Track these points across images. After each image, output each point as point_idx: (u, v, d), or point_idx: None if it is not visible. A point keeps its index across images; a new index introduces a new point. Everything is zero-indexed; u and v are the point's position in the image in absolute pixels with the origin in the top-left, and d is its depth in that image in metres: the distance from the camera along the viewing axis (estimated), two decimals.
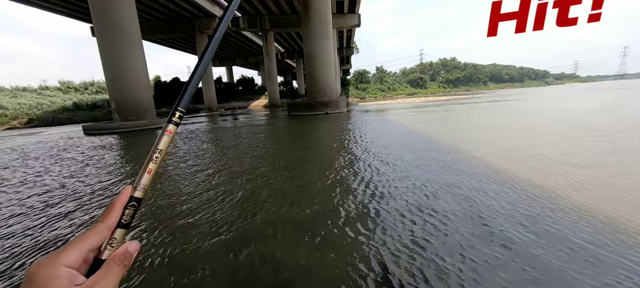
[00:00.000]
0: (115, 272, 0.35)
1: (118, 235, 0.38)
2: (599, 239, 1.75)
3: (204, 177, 3.68)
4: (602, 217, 2.03)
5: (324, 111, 14.26)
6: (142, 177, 0.40)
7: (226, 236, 2.11)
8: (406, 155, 4.19)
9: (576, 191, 2.53)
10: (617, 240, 1.74)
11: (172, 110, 0.44)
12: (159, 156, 0.42)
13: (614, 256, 1.59)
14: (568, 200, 2.35)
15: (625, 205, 2.19)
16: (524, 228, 1.93)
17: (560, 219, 2.03)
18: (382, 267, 1.65)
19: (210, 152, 5.69)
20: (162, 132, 0.43)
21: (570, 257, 1.60)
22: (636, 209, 2.13)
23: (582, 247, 1.69)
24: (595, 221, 1.99)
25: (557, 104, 12.23)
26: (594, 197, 2.39)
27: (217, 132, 9.39)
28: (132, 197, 0.40)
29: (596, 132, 5.03)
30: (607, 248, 1.67)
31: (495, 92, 37.39)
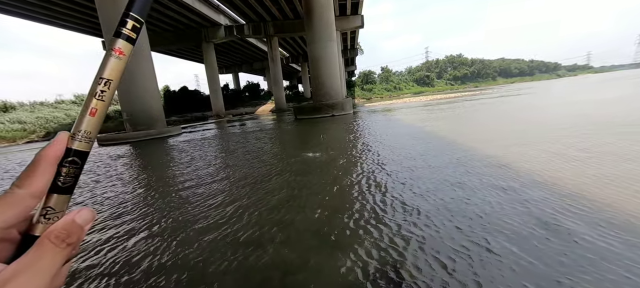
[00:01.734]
0: (51, 255, 0.24)
1: (55, 203, 0.27)
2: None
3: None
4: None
5: (330, 113, 14.29)
6: (82, 120, 0.28)
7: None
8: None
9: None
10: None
11: (121, 18, 0.30)
12: (105, 90, 0.30)
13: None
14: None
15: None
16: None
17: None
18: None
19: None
20: (107, 53, 0.30)
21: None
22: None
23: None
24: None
25: (566, 96, 11.88)
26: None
27: (237, 137, 9.52)
28: (71, 150, 0.28)
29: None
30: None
31: (505, 87, 36.64)
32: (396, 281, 1.52)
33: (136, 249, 2.17)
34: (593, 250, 1.58)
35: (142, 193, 3.73)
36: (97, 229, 2.60)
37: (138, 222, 2.74)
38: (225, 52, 37.00)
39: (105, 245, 2.29)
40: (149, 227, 2.58)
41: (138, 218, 2.85)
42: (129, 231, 2.51)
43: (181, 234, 2.36)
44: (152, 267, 1.92)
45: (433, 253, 1.70)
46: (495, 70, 70.96)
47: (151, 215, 2.89)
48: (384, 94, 47.56)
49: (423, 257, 1.68)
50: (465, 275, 1.49)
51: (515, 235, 1.80)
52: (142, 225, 2.66)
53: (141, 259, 2.02)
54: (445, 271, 1.53)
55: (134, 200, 3.45)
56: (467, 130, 6.32)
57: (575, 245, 1.65)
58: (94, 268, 1.97)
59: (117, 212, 3.03)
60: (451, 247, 1.75)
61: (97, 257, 2.11)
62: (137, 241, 2.30)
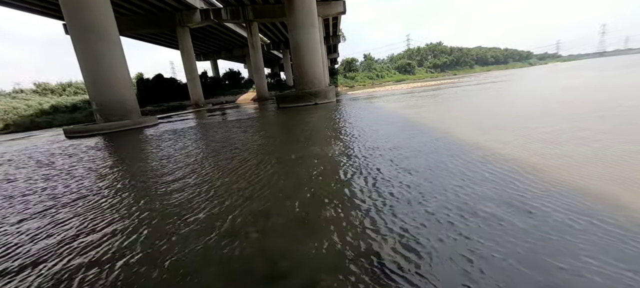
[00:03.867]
0: None
1: None
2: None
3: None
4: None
5: (312, 102, 14.20)
6: None
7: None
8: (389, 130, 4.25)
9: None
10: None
11: None
12: None
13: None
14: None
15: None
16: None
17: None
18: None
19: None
20: None
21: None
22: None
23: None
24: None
25: (531, 84, 12.56)
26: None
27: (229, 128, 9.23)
28: None
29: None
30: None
31: (482, 75, 37.98)
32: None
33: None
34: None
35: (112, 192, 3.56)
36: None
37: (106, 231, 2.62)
38: (203, 38, 35.29)
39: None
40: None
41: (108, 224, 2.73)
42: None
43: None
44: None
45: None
46: (473, 58, 73.24)
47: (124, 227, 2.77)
48: (366, 81, 47.77)
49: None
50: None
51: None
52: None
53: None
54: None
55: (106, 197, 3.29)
56: (452, 118, 6.51)
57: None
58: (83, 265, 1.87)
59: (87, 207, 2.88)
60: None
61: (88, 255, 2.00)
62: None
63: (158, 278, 1.67)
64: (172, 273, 1.70)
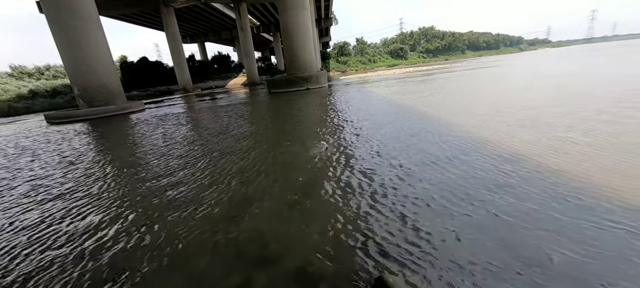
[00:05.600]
0: None
1: None
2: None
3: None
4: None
5: (304, 87, 14.00)
6: None
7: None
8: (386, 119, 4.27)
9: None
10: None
11: None
12: None
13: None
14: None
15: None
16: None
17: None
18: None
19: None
20: None
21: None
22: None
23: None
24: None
25: (521, 71, 12.72)
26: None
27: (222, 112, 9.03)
28: None
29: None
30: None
31: (473, 61, 38.12)
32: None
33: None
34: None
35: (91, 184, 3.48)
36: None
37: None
38: (189, 20, 33.81)
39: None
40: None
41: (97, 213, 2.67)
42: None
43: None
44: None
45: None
46: (464, 43, 73.10)
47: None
48: (358, 66, 47.29)
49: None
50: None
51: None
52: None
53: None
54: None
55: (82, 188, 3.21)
56: (442, 105, 6.55)
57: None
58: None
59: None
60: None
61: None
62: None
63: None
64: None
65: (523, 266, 1.40)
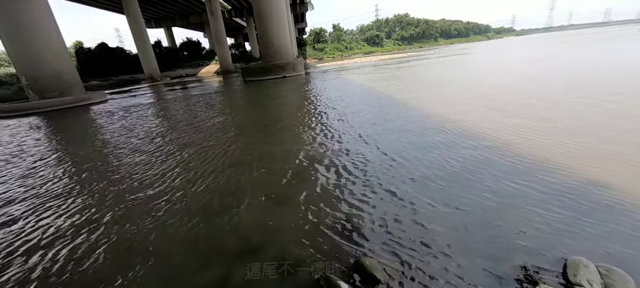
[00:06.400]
0: None
1: None
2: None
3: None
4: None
5: (281, 75, 13.69)
6: None
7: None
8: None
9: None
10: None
11: None
12: None
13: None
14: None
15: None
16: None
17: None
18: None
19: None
20: None
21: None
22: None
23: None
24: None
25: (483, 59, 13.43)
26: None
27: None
28: None
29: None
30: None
31: (445, 48, 39.41)
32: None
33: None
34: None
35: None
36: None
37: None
38: (154, 2, 31.18)
39: None
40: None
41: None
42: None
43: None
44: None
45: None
46: (437, 30, 75.11)
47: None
48: (335, 53, 47.01)
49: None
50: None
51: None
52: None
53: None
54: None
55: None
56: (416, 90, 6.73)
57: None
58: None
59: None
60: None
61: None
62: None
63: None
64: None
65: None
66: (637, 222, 1.57)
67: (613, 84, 5.00)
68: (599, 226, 1.57)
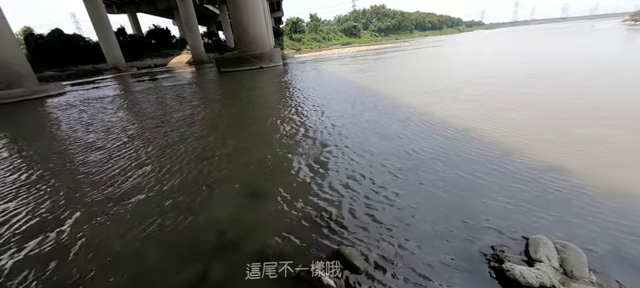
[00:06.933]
0: None
1: None
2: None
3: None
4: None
5: (257, 66, 13.30)
6: None
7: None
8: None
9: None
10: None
11: None
12: None
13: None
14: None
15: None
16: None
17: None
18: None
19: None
20: None
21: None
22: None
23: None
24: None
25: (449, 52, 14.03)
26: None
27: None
28: None
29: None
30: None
31: (421, 40, 40.48)
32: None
33: None
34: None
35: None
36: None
37: None
38: None
39: None
40: None
41: None
42: None
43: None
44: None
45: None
46: (412, 23, 76.87)
47: None
48: (313, 44, 46.54)
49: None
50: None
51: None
52: None
53: None
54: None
55: None
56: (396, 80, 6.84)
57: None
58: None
59: None
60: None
61: None
62: None
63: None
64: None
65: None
66: (588, 202, 1.74)
67: (569, 77, 5.45)
68: (557, 206, 1.72)
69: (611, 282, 1.22)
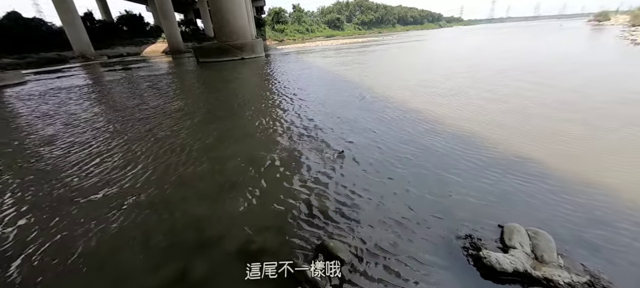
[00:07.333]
0: None
1: None
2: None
3: None
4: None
5: (239, 56, 12.90)
6: None
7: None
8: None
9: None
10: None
11: None
12: None
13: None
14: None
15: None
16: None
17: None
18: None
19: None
20: None
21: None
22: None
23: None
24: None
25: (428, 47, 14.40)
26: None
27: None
28: None
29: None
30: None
31: (403, 34, 41.04)
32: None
33: None
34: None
35: None
36: None
37: None
38: None
39: None
40: None
41: None
42: None
43: None
44: None
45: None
46: (395, 16, 77.78)
47: None
48: (296, 35, 45.85)
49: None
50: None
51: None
52: None
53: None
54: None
55: None
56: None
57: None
58: None
59: None
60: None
61: None
62: None
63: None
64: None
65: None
66: (556, 190, 1.86)
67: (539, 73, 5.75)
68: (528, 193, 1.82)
69: (576, 265, 1.31)
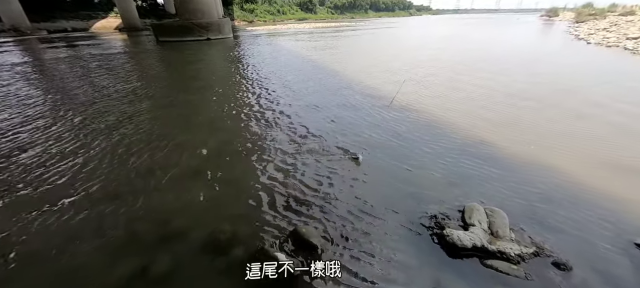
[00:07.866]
0: None
1: None
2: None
3: None
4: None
5: (204, 36, 12.05)
6: None
7: None
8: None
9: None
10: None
11: None
12: None
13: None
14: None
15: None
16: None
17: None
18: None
19: None
20: None
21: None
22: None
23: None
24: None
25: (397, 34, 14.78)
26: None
27: None
28: None
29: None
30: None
31: (376, 21, 41.28)
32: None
33: None
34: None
35: None
36: None
37: None
38: None
39: None
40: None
41: None
42: None
43: None
44: None
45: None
46: (367, 2, 77.81)
47: None
48: (267, 17, 43.93)
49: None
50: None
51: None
52: None
53: None
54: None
55: None
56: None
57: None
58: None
59: None
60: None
61: None
62: None
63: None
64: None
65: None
66: (511, 171, 2.02)
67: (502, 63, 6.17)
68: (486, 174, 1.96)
69: (525, 238, 1.45)
